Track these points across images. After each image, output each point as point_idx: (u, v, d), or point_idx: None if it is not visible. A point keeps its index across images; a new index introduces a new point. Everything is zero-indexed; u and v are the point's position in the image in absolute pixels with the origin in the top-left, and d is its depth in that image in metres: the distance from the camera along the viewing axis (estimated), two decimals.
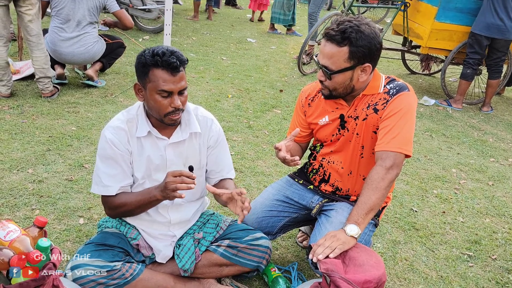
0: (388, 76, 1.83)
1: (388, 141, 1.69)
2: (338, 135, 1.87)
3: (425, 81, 5.99)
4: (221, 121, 3.68)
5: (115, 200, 1.70)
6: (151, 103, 1.61)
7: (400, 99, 1.73)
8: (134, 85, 1.66)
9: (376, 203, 1.64)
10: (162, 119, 1.64)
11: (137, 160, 1.72)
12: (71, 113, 3.46)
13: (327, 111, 1.88)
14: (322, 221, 1.87)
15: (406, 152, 1.69)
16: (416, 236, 2.50)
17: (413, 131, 1.75)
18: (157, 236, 1.83)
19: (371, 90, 1.78)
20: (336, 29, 1.65)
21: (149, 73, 1.57)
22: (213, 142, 1.82)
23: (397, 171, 1.68)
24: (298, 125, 1.99)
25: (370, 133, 1.80)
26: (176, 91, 1.58)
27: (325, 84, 1.76)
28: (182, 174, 1.54)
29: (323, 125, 1.90)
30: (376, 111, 1.76)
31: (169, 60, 1.54)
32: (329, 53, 1.67)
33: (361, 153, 1.85)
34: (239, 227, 1.91)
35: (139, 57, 1.61)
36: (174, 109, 1.60)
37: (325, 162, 1.95)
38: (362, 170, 1.88)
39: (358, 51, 1.65)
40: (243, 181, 2.84)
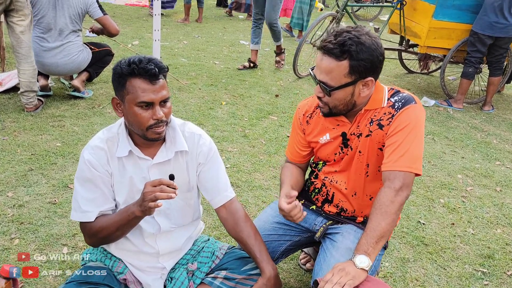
0: (391, 87, 1.67)
1: (396, 160, 1.53)
2: (342, 154, 1.71)
3: (424, 80, 5.85)
4: (215, 131, 3.52)
5: (93, 226, 1.53)
6: (131, 117, 1.45)
7: (407, 112, 1.57)
8: (111, 99, 1.50)
9: (387, 230, 1.48)
10: (145, 134, 1.48)
11: (118, 182, 1.55)
12: (56, 127, 3.27)
13: (328, 129, 1.72)
14: (327, 246, 1.71)
15: (416, 170, 1.54)
16: (426, 252, 2.35)
17: (423, 147, 1.59)
18: (145, 269, 1.66)
19: (374, 104, 1.62)
20: (334, 41, 1.48)
21: (126, 84, 1.42)
22: (203, 159, 1.65)
23: (407, 193, 1.52)
24: (297, 145, 1.83)
25: (375, 150, 1.64)
26: (157, 102, 1.43)
27: (324, 100, 1.59)
28: (161, 183, 1.39)
29: (324, 143, 1.73)
30: (381, 127, 1.60)
31: (147, 67, 1.40)
32: (327, 68, 1.50)
33: (366, 172, 1.68)
34: (236, 255, 1.74)
35: (115, 68, 1.46)
36: (156, 121, 1.45)
37: (328, 181, 1.79)
38: (368, 190, 1.72)
39: (360, 65, 1.48)
40: (240, 197, 2.67)
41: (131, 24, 7.05)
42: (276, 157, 3.22)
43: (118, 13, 7.87)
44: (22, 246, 2.02)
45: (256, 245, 1.62)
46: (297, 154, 1.85)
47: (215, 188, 1.68)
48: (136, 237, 1.63)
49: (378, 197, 1.53)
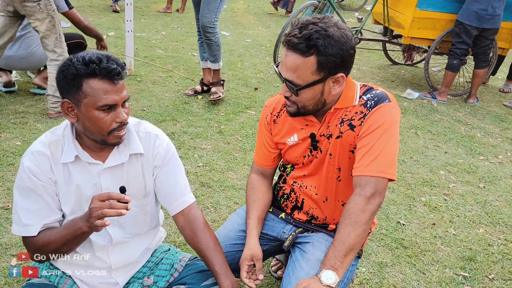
0: (363, 84, 1.52)
1: (367, 164, 1.40)
2: (311, 156, 1.56)
3: (408, 72, 5.73)
4: (189, 127, 3.35)
5: (37, 241, 1.36)
6: (90, 122, 1.29)
7: (380, 112, 1.43)
8: (61, 103, 1.32)
9: (357, 241, 1.35)
10: (105, 140, 1.33)
11: (63, 191, 1.39)
12: (18, 124, 3.07)
13: (296, 129, 1.57)
14: (296, 257, 1.57)
15: (390, 176, 1.40)
16: (405, 255, 2.23)
17: (397, 149, 1.45)
18: (96, 285, 1.50)
19: (344, 102, 1.48)
20: (299, 35, 1.32)
21: (83, 86, 1.26)
22: (160, 161, 1.49)
23: (379, 200, 1.39)
24: (265, 147, 1.68)
25: (347, 153, 1.49)
26: (120, 103, 1.30)
27: (292, 100, 1.44)
28: (110, 197, 1.24)
29: (292, 145, 1.59)
30: (352, 127, 1.46)
31: (109, 66, 1.25)
32: (293, 65, 1.35)
33: (337, 176, 1.55)
34: (197, 268, 1.59)
35: (65, 68, 1.27)
36: (119, 124, 1.31)
37: (297, 186, 1.64)
38: (340, 196, 1.58)
39: (328, 60, 1.33)
40: (211, 198, 2.52)
41: (108, 15, 6.80)
42: (251, 154, 3.08)
43: (95, 2, 7.59)
44: None
45: (214, 257, 1.48)
46: (265, 158, 1.70)
47: (172, 194, 1.53)
48: (86, 250, 1.47)
49: (347, 205, 1.40)
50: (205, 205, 2.45)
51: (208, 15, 3.51)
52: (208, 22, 3.53)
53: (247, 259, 1.53)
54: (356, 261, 1.62)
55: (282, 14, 8.54)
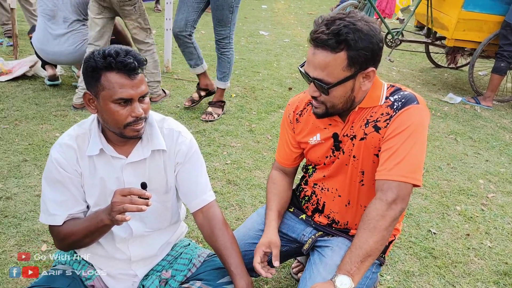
0: (391, 84, 1.47)
1: (391, 168, 1.34)
2: (332, 157, 1.52)
3: (451, 75, 5.50)
4: (220, 124, 3.38)
5: (62, 230, 1.42)
6: (107, 115, 1.33)
7: (407, 114, 1.37)
8: (83, 95, 1.37)
9: (375, 248, 1.30)
10: (122, 132, 1.35)
11: (88, 183, 1.43)
12: (58, 117, 3.21)
13: (319, 128, 1.53)
14: (314, 260, 1.54)
15: (414, 181, 1.34)
16: (434, 265, 2.14)
17: (424, 154, 1.38)
18: (116, 275, 1.54)
19: (370, 102, 1.43)
20: (327, 31, 1.28)
21: (101, 79, 1.29)
22: (182, 158, 1.50)
23: (402, 206, 1.33)
24: (287, 145, 1.65)
25: (371, 156, 1.44)
26: (136, 97, 1.31)
27: (320, 99, 1.39)
28: (131, 192, 1.26)
29: (315, 144, 1.55)
30: (378, 129, 1.41)
31: (125, 60, 1.26)
32: (322, 62, 1.30)
33: (361, 180, 1.50)
34: (214, 265, 1.60)
35: (87, 60, 1.32)
36: (135, 118, 1.33)
37: (318, 189, 1.61)
38: (363, 200, 1.53)
39: (359, 55, 1.29)
40: (237, 196, 2.52)
41: (151, 13, 6.98)
42: None
43: None
44: (1, 241, 1.95)
45: (231, 256, 1.48)
46: (286, 156, 1.68)
47: (193, 191, 1.54)
48: (107, 242, 1.52)
49: (367, 209, 1.35)
50: (230, 202, 2.46)
51: (222, 31, 3.29)
52: (223, 38, 3.32)
53: (263, 244, 1.51)
54: (378, 268, 1.57)
55: None
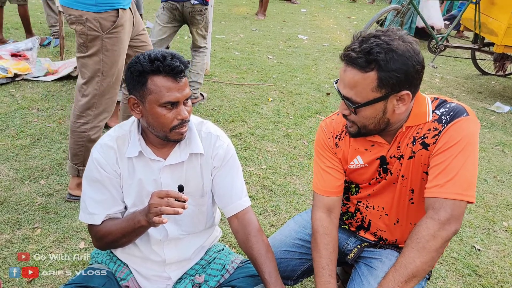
0: (435, 97, 1.37)
1: (442, 185, 1.25)
2: (379, 178, 1.45)
3: (499, 83, 5.24)
4: (256, 128, 3.36)
5: (100, 230, 1.44)
6: (153, 119, 1.33)
7: (457, 127, 1.28)
8: (128, 100, 1.38)
9: (422, 269, 1.22)
10: (167, 136, 1.36)
11: (127, 184, 1.44)
12: None
13: (358, 150, 1.45)
14: (362, 272, 1.47)
15: (468, 198, 1.25)
16: (478, 284, 2.02)
17: (477, 169, 1.29)
18: (150, 277, 1.54)
19: (417, 119, 1.34)
20: (358, 49, 1.21)
21: (148, 83, 1.30)
22: (219, 162, 1.49)
23: (456, 227, 1.24)
24: (330, 169, 1.51)
25: (420, 173, 1.36)
26: (182, 100, 1.32)
27: (351, 119, 1.33)
28: (168, 195, 1.26)
29: (357, 168, 1.47)
30: (426, 146, 1.32)
31: (173, 64, 1.27)
32: (351, 81, 1.24)
33: (410, 198, 1.42)
34: (248, 272, 1.57)
35: (132, 65, 1.32)
36: (181, 121, 1.34)
37: (362, 206, 1.53)
38: (413, 218, 1.45)
39: (390, 76, 1.21)
40: (271, 201, 2.49)
41: None
42: None
43: None
44: (42, 236, 2.01)
45: (265, 264, 1.44)
46: (331, 184, 1.50)
47: (228, 196, 1.52)
48: (143, 243, 1.52)
49: (417, 228, 1.26)
50: (265, 208, 2.43)
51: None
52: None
53: None
54: (424, 282, 1.48)
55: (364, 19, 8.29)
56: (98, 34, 1.96)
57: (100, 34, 1.96)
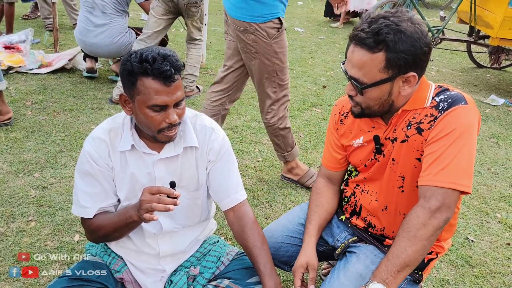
0: (439, 85, 1.37)
1: (435, 173, 1.25)
2: (374, 160, 1.46)
3: (494, 76, 5.26)
4: (252, 121, 3.36)
5: (92, 223, 1.43)
6: (141, 118, 1.31)
7: (454, 115, 1.28)
8: (119, 96, 1.36)
9: (413, 258, 1.23)
10: (155, 137, 1.35)
11: (119, 177, 1.43)
12: (95, 109, 3.29)
13: (363, 131, 1.47)
14: (339, 266, 1.48)
15: (463, 188, 1.24)
16: (471, 275, 2.04)
17: (473, 158, 1.28)
18: (145, 270, 1.54)
19: (415, 103, 1.34)
20: (367, 29, 1.22)
21: (137, 83, 1.26)
22: (214, 156, 1.49)
23: (447, 215, 1.24)
24: (331, 147, 1.59)
25: (413, 160, 1.36)
26: (171, 104, 1.28)
27: (356, 100, 1.34)
28: (160, 191, 1.25)
29: (357, 147, 1.49)
30: (420, 131, 1.33)
31: (162, 67, 1.23)
32: (359, 61, 1.25)
33: (400, 186, 1.42)
34: (243, 264, 1.58)
35: (124, 62, 1.30)
36: (169, 125, 1.31)
37: (358, 190, 1.55)
38: (402, 208, 1.44)
39: (398, 57, 1.22)
40: (267, 194, 2.50)
41: None
42: (313, 153, 3.01)
43: None
44: (36, 229, 2.01)
45: (260, 255, 1.45)
46: (331, 159, 1.61)
47: (224, 189, 1.52)
48: (137, 236, 1.52)
49: (408, 217, 1.27)
50: (261, 200, 2.43)
51: None
52: None
53: (302, 266, 1.46)
54: (410, 285, 1.47)
55: None
56: (267, 41, 2.23)
57: (268, 41, 2.23)
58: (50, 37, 4.71)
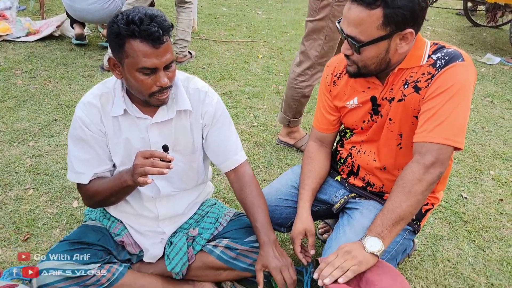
0: (435, 42, 1.36)
1: (431, 129, 1.27)
2: (370, 122, 1.45)
3: (490, 34, 5.20)
4: (246, 86, 3.32)
5: (89, 189, 1.44)
6: (132, 82, 1.28)
7: (451, 72, 1.27)
8: (108, 59, 1.33)
9: (408, 212, 1.26)
10: (147, 100, 1.32)
11: (113, 143, 1.42)
12: (86, 77, 3.23)
13: (357, 92, 1.46)
14: (343, 222, 1.51)
15: (456, 144, 1.26)
16: (464, 230, 2.09)
17: (468, 116, 1.30)
18: (144, 232, 1.57)
19: (411, 62, 1.33)
20: None
21: (125, 46, 1.22)
22: (209, 120, 1.48)
23: (440, 170, 1.27)
24: (324, 108, 1.58)
25: (410, 118, 1.37)
26: (161, 67, 1.25)
27: (352, 59, 1.32)
28: (153, 155, 1.24)
29: (352, 108, 1.48)
30: (418, 90, 1.32)
31: (149, 29, 1.19)
32: (356, 19, 1.23)
33: (398, 143, 1.43)
34: (241, 224, 1.61)
35: (110, 25, 1.25)
36: (160, 88, 1.28)
37: (355, 151, 1.55)
38: (401, 165, 1.45)
39: (396, 13, 1.20)
40: (263, 158, 2.51)
41: None
42: (308, 117, 3.00)
43: None
44: (34, 197, 2.02)
45: (257, 213, 1.47)
46: (324, 121, 1.61)
47: (223, 153, 1.52)
48: (135, 200, 1.54)
49: (403, 173, 1.29)
50: (257, 164, 2.45)
51: None
52: None
53: (300, 233, 1.49)
54: (410, 235, 1.52)
55: None
56: (330, 1, 2.21)
57: (331, 1, 2.21)
58: (36, 3, 4.57)
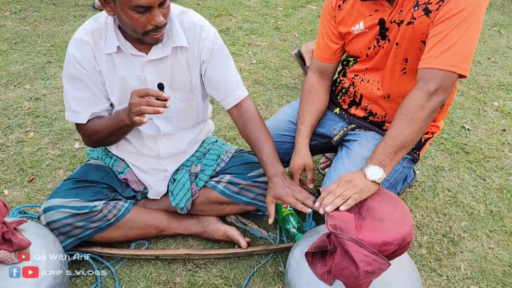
0: None
1: (437, 55, 1.22)
2: (377, 48, 1.39)
3: None
4: (244, 22, 3.21)
5: (87, 128, 1.41)
6: (124, 20, 1.21)
7: None
8: None
9: (410, 139, 1.24)
10: (141, 39, 1.26)
11: (109, 81, 1.38)
12: (78, 17, 3.12)
13: (363, 15, 1.38)
14: (341, 154, 1.51)
15: (461, 71, 1.22)
16: (465, 161, 2.10)
17: (476, 42, 1.24)
18: (147, 170, 1.57)
19: None
20: None
21: None
22: (207, 55, 1.41)
23: (443, 97, 1.24)
24: (327, 36, 1.51)
25: (417, 43, 1.31)
26: (155, 4, 1.18)
27: None
28: (148, 94, 1.21)
29: (357, 34, 1.42)
30: (428, 12, 1.25)
31: None
32: None
33: (403, 68, 1.38)
34: (243, 160, 1.61)
35: None
36: (155, 26, 1.22)
37: (358, 80, 1.51)
38: (405, 91, 1.41)
39: None
40: (263, 95, 2.47)
41: None
42: None
43: None
44: (36, 139, 2.01)
45: (262, 147, 1.44)
46: (327, 50, 1.54)
47: (224, 89, 1.47)
48: (136, 139, 1.52)
49: (406, 100, 1.26)
50: (257, 102, 2.41)
51: None
52: None
53: (300, 168, 1.48)
54: (410, 164, 1.52)
55: None
56: None
57: None
58: None
